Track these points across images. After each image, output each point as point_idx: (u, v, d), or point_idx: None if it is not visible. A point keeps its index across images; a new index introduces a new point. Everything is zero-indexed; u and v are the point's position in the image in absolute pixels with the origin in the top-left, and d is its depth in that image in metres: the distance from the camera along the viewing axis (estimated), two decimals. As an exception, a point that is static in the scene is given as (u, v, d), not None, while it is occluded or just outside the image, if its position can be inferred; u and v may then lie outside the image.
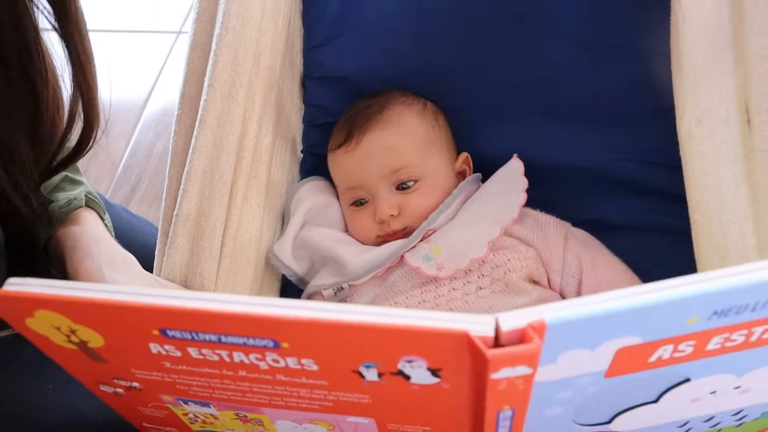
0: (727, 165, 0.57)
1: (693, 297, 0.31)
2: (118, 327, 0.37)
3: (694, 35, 0.60)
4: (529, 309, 0.32)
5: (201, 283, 0.61)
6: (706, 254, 0.56)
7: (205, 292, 0.34)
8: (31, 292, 0.35)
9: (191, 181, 0.62)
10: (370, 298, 0.73)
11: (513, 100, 0.81)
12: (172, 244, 0.61)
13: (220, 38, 0.63)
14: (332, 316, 0.32)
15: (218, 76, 0.63)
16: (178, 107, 0.65)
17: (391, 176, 0.74)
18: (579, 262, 0.71)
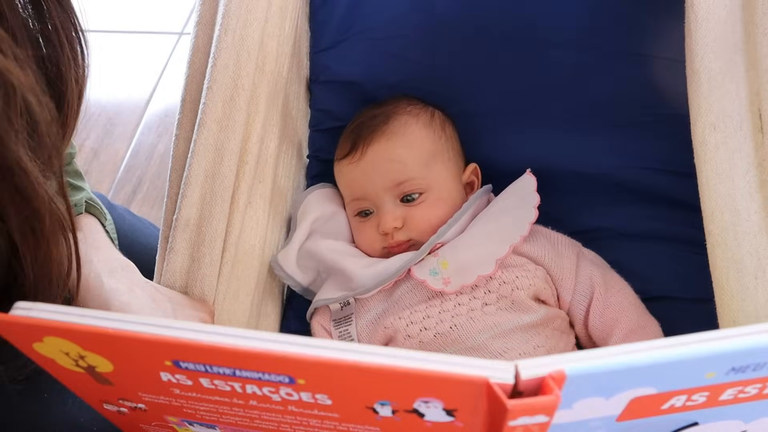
0: (741, 174, 0.56)
1: (714, 355, 0.31)
2: (129, 356, 0.36)
3: (708, 40, 0.58)
4: (549, 358, 0.32)
5: (201, 290, 0.60)
6: (721, 266, 0.55)
7: (222, 327, 0.33)
8: (41, 319, 0.34)
9: (191, 185, 0.61)
10: (376, 313, 0.72)
11: (520, 107, 0.80)
12: (172, 250, 0.60)
13: (219, 40, 0.62)
14: (352, 358, 0.32)
15: (218, 79, 0.61)
16: (180, 111, 0.64)
17: (395, 188, 0.73)
18: (592, 282, 0.71)
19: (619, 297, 0.70)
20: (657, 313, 0.71)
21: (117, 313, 0.35)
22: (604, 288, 0.70)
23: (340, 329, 0.72)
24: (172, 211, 0.61)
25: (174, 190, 0.63)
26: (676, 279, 0.73)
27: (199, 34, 0.64)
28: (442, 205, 0.73)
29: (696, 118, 0.58)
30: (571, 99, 0.79)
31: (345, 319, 0.73)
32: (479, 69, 0.81)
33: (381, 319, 0.71)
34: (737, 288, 0.54)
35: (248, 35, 0.62)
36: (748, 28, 0.58)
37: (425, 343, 0.67)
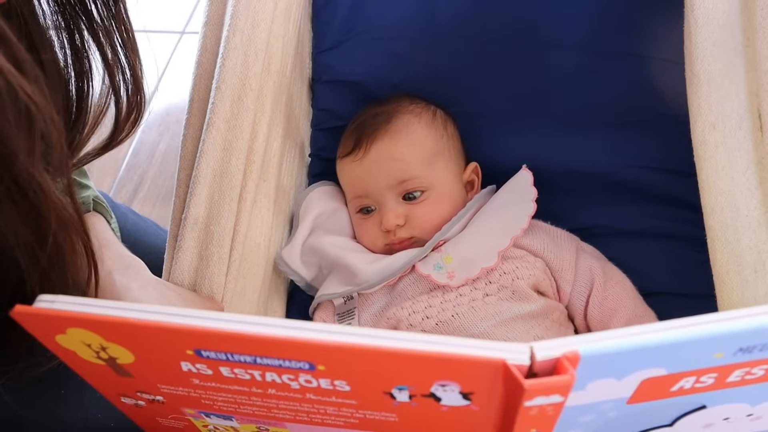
0: (740, 171, 0.57)
1: (722, 335, 0.32)
2: (151, 346, 0.37)
3: (707, 43, 0.59)
4: (563, 339, 0.33)
5: (210, 288, 0.61)
6: (722, 260, 0.56)
7: (243, 315, 0.34)
8: (65, 310, 0.35)
9: (200, 184, 0.61)
10: (380, 306, 0.73)
11: (520, 107, 0.81)
12: (181, 248, 0.61)
13: (227, 41, 0.63)
14: (373, 342, 0.32)
15: (226, 79, 0.62)
16: (188, 111, 0.64)
17: (397, 186, 0.74)
18: (591, 274, 0.72)
19: (617, 288, 0.71)
20: (655, 308, 0.72)
21: (138, 304, 0.36)
22: (604, 279, 0.71)
23: (343, 324, 0.73)
24: (181, 210, 0.62)
25: (182, 189, 0.63)
26: (675, 275, 0.75)
27: (207, 34, 0.65)
28: (443, 204, 0.75)
29: (696, 119, 0.59)
30: (572, 99, 0.79)
31: (348, 313, 0.74)
32: (480, 69, 0.82)
33: (384, 311, 0.72)
34: (737, 282, 0.55)
35: (256, 36, 0.62)
36: (747, 32, 0.59)
37: (427, 331, 0.69)
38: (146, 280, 0.59)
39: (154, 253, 0.84)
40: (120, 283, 0.57)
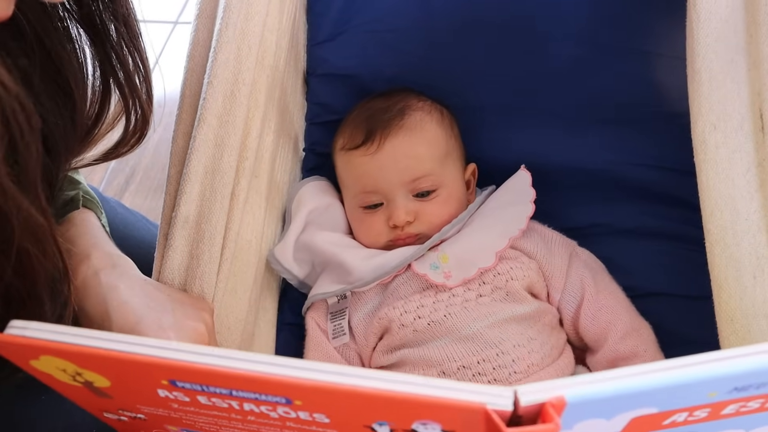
0: (741, 173, 0.56)
1: (715, 377, 0.32)
2: (125, 374, 0.36)
3: (710, 40, 0.58)
4: (549, 382, 0.32)
5: (200, 287, 0.60)
6: (720, 264, 0.55)
7: (218, 348, 0.34)
8: (36, 338, 0.34)
9: (191, 182, 0.60)
10: (372, 306, 0.72)
11: (518, 102, 0.80)
12: (171, 247, 0.60)
13: (220, 35, 0.61)
14: (349, 382, 0.32)
15: (218, 74, 0.61)
16: (179, 106, 0.63)
17: (410, 183, 0.73)
18: (582, 284, 0.71)
19: (611, 300, 0.70)
20: (651, 309, 0.71)
21: (111, 333, 0.35)
22: (595, 290, 0.71)
23: (335, 323, 0.73)
24: (171, 208, 0.61)
25: (173, 186, 0.62)
26: (671, 276, 0.74)
27: (199, 27, 0.63)
28: (452, 202, 0.74)
29: (696, 118, 0.58)
30: (569, 94, 0.79)
31: (340, 312, 0.73)
32: (476, 62, 0.81)
33: (376, 311, 0.71)
34: (735, 287, 0.54)
35: (249, 29, 0.61)
36: (750, 28, 0.58)
37: (419, 331, 0.68)
38: (134, 279, 0.58)
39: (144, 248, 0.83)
40: (106, 283, 0.56)
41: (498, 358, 0.65)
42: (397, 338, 0.69)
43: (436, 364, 0.66)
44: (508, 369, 0.65)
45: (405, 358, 0.68)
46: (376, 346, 0.71)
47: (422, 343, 0.68)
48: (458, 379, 0.65)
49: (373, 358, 0.72)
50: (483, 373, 0.65)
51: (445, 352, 0.66)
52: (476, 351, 0.65)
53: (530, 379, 0.65)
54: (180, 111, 0.63)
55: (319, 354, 0.72)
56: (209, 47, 0.62)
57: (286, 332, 0.77)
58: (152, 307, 0.55)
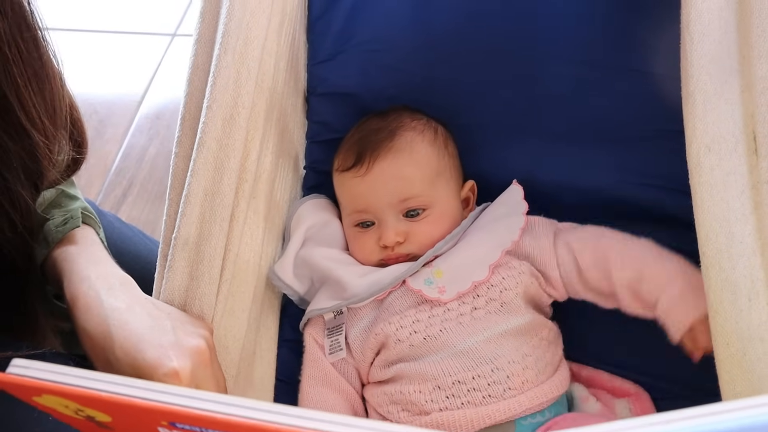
0: (735, 196, 0.56)
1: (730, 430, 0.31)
2: (126, 414, 0.36)
3: (703, 61, 0.59)
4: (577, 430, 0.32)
5: (200, 308, 0.60)
6: (716, 288, 0.55)
7: (217, 395, 0.34)
8: (37, 379, 0.34)
9: (190, 204, 0.61)
10: (368, 321, 0.73)
11: (518, 121, 0.81)
12: (171, 268, 0.60)
13: (219, 60, 0.62)
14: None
15: (217, 98, 0.61)
16: (179, 129, 0.64)
17: (399, 204, 0.74)
18: (570, 249, 0.72)
19: (599, 243, 0.71)
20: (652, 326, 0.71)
21: (112, 376, 0.35)
22: (582, 246, 0.71)
23: (332, 339, 0.73)
24: (172, 229, 0.61)
25: (173, 208, 0.62)
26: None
27: (198, 52, 0.64)
28: (443, 221, 0.75)
29: (691, 140, 0.58)
30: (570, 114, 0.79)
31: (336, 328, 0.74)
32: (478, 82, 0.81)
33: (372, 326, 0.72)
34: (731, 310, 0.54)
35: (248, 53, 0.62)
36: (743, 50, 0.58)
37: (415, 346, 0.68)
38: (135, 299, 0.58)
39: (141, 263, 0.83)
40: (108, 304, 0.56)
41: (493, 374, 0.65)
42: (394, 353, 0.69)
43: (431, 378, 0.66)
44: (502, 385, 0.65)
45: (401, 372, 0.68)
46: (373, 361, 0.72)
47: (418, 358, 0.68)
48: (453, 393, 0.65)
49: (370, 373, 0.72)
50: (478, 388, 0.65)
51: (440, 366, 0.67)
52: (471, 366, 0.66)
53: (525, 396, 0.65)
54: (180, 134, 0.64)
55: (315, 370, 0.73)
56: (208, 71, 0.62)
57: (285, 348, 0.77)
58: (153, 326, 0.55)
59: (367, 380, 0.73)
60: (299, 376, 0.74)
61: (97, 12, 1.76)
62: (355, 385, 0.73)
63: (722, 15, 0.58)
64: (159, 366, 0.52)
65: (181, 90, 0.65)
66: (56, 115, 0.55)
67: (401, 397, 0.67)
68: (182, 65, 0.66)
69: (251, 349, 0.70)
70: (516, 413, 0.64)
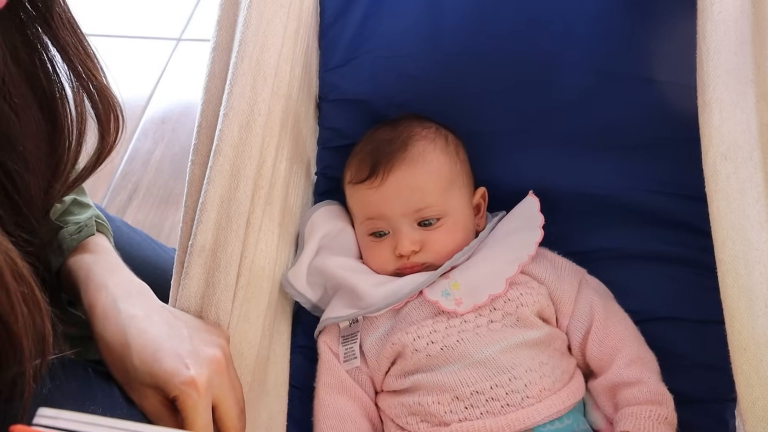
0: (751, 204, 0.57)
1: None
2: None
3: (719, 71, 0.59)
4: None
5: (216, 315, 0.61)
6: (732, 295, 0.55)
7: None
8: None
9: (207, 210, 0.61)
10: (384, 330, 0.73)
11: (528, 128, 0.81)
12: (187, 275, 0.61)
13: (235, 67, 0.62)
14: None
15: (234, 106, 0.62)
16: (195, 137, 0.64)
17: (414, 214, 0.74)
18: (591, 311, 0.72)
19: (619, 327, 0.71)
20: (659, 333, 0.72)
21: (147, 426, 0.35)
22: (604, 316, 0.71)
23: (347, 347, 0.73)
24: (188, 236, 0.62)
25: (189, 216, 0.63)
26: (680, 300, 0.75)
27: (215, 60, 0.64)
28: (458, 230, 0.75)
29: (707, 149, 0.59)
30: (579, 121, 0.79)
31: (352, 336, 0.74)
32: (488, 89, 0.81)
33: (389, 336, 0.72)
34: (748, 317, 0.55)
35: (265, 61, 0.62)
36: (758, 60, 0.59)
37: (432, 356, 0.68)
38: (152, 307, 0.58)
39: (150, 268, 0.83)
40: (125, 312, 0.56)
41: (511, 383, 0.65)
42: (411, 363, 0.69)
43: (449, 389, 0.66)
44: (520, 394, 0.65)
45: (419, 384, 0.68)
46: (389, 370, 0.72)
47: (435, 368, 0.68)
48: (472, 404, 0.65)
49: (385, 382, 0.72)
50: (496, 398, 0.65)
51: (458, 377, 0.67)
52: (489, 376, 0.66)
53: (543, 404, 0.65)
54: (197, 142, 0.64)
55: (331, 377, 0.73)
56: (225, 79, 0.63)
57: (298, 355, 0.77)
58: (170, 335, 0.56)
59: (381, 389, 0.73)
60: (313, 382, 0.74)
61: (102, 16, 1.76)
62: (370, 394, 0.73)
63: (738, 26, 0.59)
64: (176, 374, 0.52)
65: (186, 94, 0.66)
66: None
67: (420, 408, 0.67)
68: (187, 69, 0.67)
69: (265, 355, 0.70)
70: (535, 421, 0.64)
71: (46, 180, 0.58)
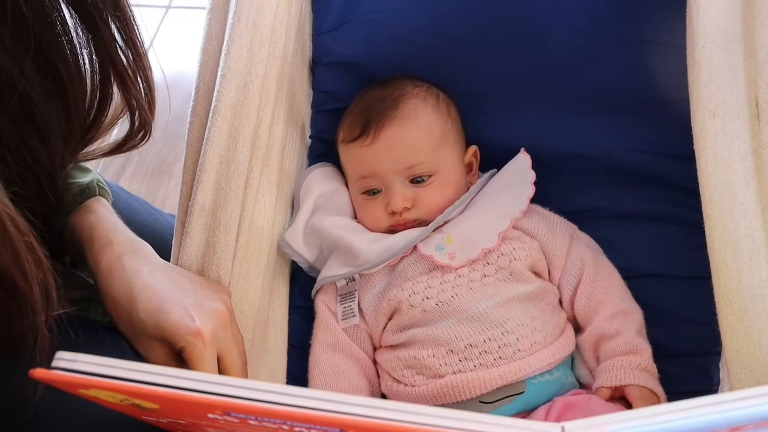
0: (738, 160, 0.58)
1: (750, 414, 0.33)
2: (176, 405, 0.37)
3: (709, 29, 0.60)
4: (594, 419, 0.34)
5: (217, 273, 0.62)
6: (719, 249, 0.57)
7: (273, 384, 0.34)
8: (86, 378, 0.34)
9: (206, 171, 0.62)
10: (381, 287, 0.74)
11: (521, 89, 0.82)
12: (188, 235, 0.61)
13: (232, 29, 0.62)
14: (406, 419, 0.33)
15: (231, 67, 0.62)
16: (194, 98, 0.64)
17: (406, 171, 0.75)
18: (582, 264, 0.74)
19: (606, 281, 0.73)
20: (647, 289, 0.74)
21: (162, 368, 0.36)
22: (594, 270, 0.73)
23: (345, 305, 0.75)
24: (188, 197, 0.62)
25: (189, 176, 0.63)
26: (668, 257, 0.76)
27: (211, 21, 0.64)
28: (449, 187, 0.76)
29: (696, 106, 0.60)
30: (571, 82, 0.80)
31: (349, 294, 0.75)
32: (481, 50, 0.82)
33: (385, 292, 0.73)
34: (734, 269, 0.56)
35: (261, 22, 0.62)
36: (746, 18, 0.60)
37: (427, 311, 0.70)
38: (155, 263, 0.60)
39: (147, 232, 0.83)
40: (129, 267, 0.57)
41: (503, 337, 0.67)
42: (407, 318, 0.71)
43: (444, 343, 0.68)
44: (512, 347, 0.67)
45: (414, 338, 0.70)
46: (386, 326, 0.74)
47: (431, 323, 0.70)
48: (465, 356, 0.67)
49: (383, 337, 0.74)
50: (489, 351, 0.67)
51: (452, 331, 0.69)
52: (482, 330, 0.68)
53: (534, 357, 0.67)
54: (194, 103, 0.65)
55: (327, 336, 0.75)
56: (221, 41, 0.63)
57: (296, 315, 0.79)
58: (175, 289, 0.57)
59: (379, 344, 0.75)
60: (310, 341, 0.76)
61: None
62: (367, 351, 0.75)
63: (727, -17, 0.59)
64: (182, 326, 0.53)
65: (177, 62, 0.66)
66: None
67: (415, 362, 0.69)
68: (177, 37, 0.67)
69: (265, 315, 0.71)
70: (526, 373, 0.66)
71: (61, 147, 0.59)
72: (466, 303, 0.69)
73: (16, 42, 0.50)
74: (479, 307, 0.69)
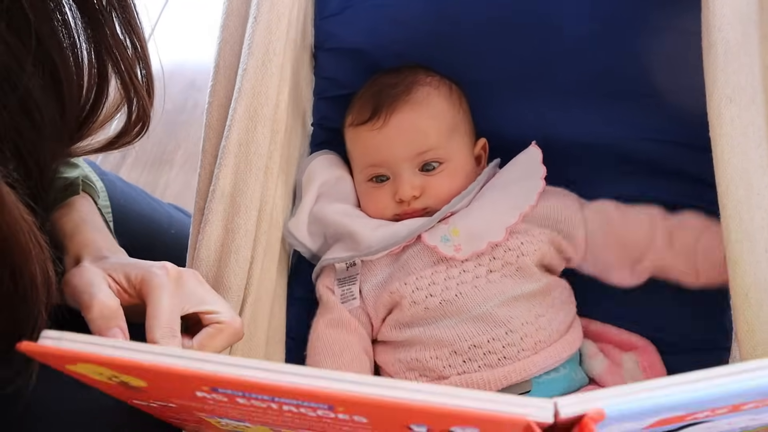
0: (753, 147, 0.57)
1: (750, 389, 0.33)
2: (164, 380, 0.36)
3: (725, 11, 0.59)
4: (588, 395, 0.33)
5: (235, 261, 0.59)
6: (735, 240, 0.56)
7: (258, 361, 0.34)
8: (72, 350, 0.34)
9: (227, 155, 0.59)
10: (383, 277, 0.73)
11: (527, 77, 0.81)
12: (208, 222, 0.59)
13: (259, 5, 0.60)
14: (393, 395, 0.32)
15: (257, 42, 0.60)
16: (213, 77, 0.62)
17: (416, 158, 0.73)
18: (604, 207, 0.73)
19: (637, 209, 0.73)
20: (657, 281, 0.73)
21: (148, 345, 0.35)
22: (615, 206, 0.73)
23: (344, 288, 0.74)
24: (207, 182, 0.60)
25: (207, 160, 0.61)
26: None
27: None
28: (458, 176, 0.75)
29: (712, 91, 0.58)
30: (580, 69, 0.79)
31: (350, 278, 0.74)
32: (486, 37, 0.81)
33: (386, 284, 0.72)
34: (750, 262, 0.55)
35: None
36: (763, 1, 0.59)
37: (431, 309, 0.69)
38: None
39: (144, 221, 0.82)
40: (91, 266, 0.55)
41: (507, 337, 0.67)
42: (408, 315, 0.70)
43: (447, 344, 0.67)
44: (517, 347, 0.66)
45: (416, 338, 0.69)
46: (385, 319, 0.73)
47: (433, 322, 0.69)
48: (470, 357, 0.67)
49: (381, 331, 0.73)
50: (493, 351, 0.67)
51: (456, 331, 0.68)
52: (486, 330, 0.67)
53: (539, 356, 0.67)
54: (214, 83, 0.62)
55: (331, 314, 0.73)
56: (242, 16, 0.61)
57: (297, 306, 0.77)
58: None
59: (376, 337, 0.74)
60: (307, 333, 0.74)
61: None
62: (368, 330, 0.74)
63: (742, -35, 0.59)
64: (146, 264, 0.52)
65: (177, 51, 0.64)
66: None
67: (418, 364, 0.68)
68: (178, 26, 0.65)
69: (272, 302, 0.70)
70: (531, 373, 0.66)
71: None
72: (470, 302, 0.68)
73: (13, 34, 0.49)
74: (483, 307, 0.68)
